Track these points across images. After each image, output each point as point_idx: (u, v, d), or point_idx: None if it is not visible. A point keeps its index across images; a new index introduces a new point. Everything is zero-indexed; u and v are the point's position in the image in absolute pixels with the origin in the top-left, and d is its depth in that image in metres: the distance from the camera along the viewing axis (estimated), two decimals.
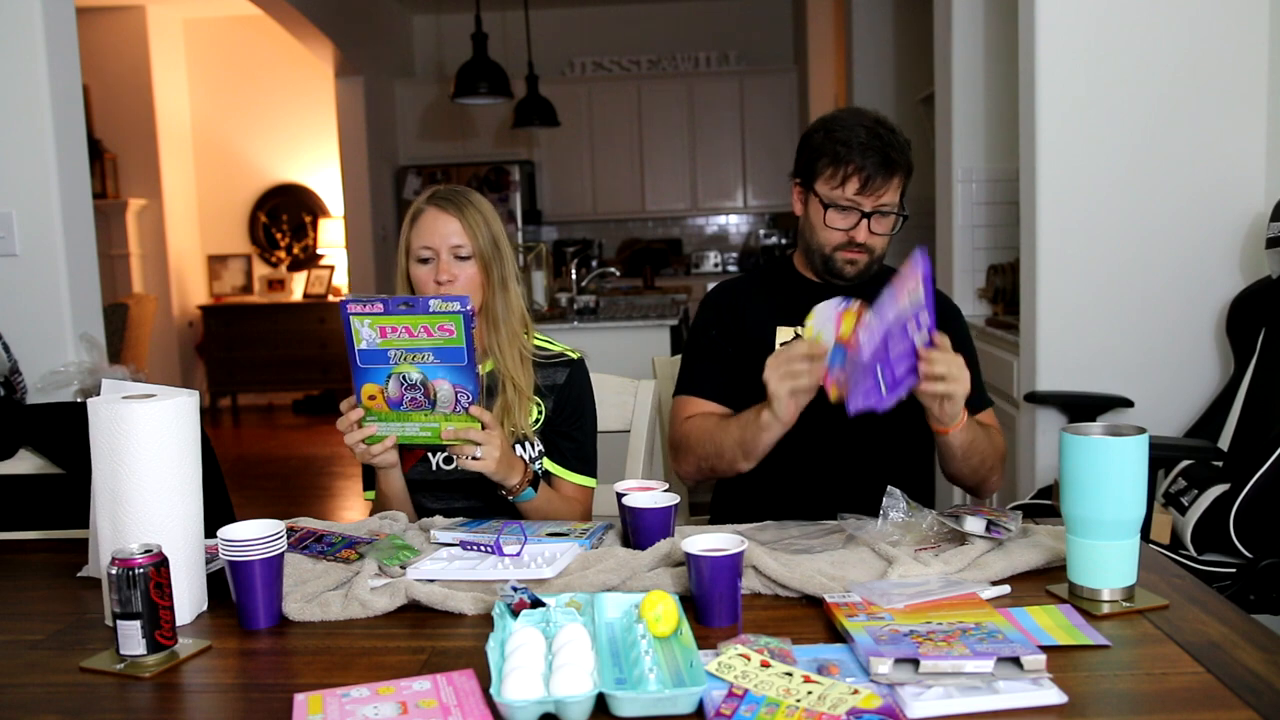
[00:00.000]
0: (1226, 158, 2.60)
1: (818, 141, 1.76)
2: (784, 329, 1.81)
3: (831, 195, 1.73)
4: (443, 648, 1.15)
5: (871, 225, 1.74)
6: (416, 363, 1.47)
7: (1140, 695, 1.00)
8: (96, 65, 6.71)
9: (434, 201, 1.69)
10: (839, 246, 1.76)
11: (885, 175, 1.70)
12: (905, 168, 1.73)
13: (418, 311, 1.45)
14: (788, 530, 1.50)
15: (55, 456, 1.72)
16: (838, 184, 1.72)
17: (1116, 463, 1.17)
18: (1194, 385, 2.64)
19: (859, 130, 1.71)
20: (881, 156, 1.70)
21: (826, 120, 1.78)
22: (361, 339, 1.47)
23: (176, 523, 1.24)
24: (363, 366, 1.49)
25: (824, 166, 1.74)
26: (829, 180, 1.73)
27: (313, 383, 7.52)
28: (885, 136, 1.71)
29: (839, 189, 1.72)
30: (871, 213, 1.73)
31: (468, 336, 1.45)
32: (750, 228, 7.82)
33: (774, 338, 1.81)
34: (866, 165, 1.69)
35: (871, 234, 1.74)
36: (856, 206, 1.73)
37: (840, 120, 1.75)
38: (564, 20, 7.49)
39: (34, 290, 2.56)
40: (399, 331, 1.46)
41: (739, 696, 0.97)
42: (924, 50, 4.11)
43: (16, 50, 2.51)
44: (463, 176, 7.00)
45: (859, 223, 1.73)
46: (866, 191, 1.71)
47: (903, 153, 1.73)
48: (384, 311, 1.46)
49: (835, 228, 1.75)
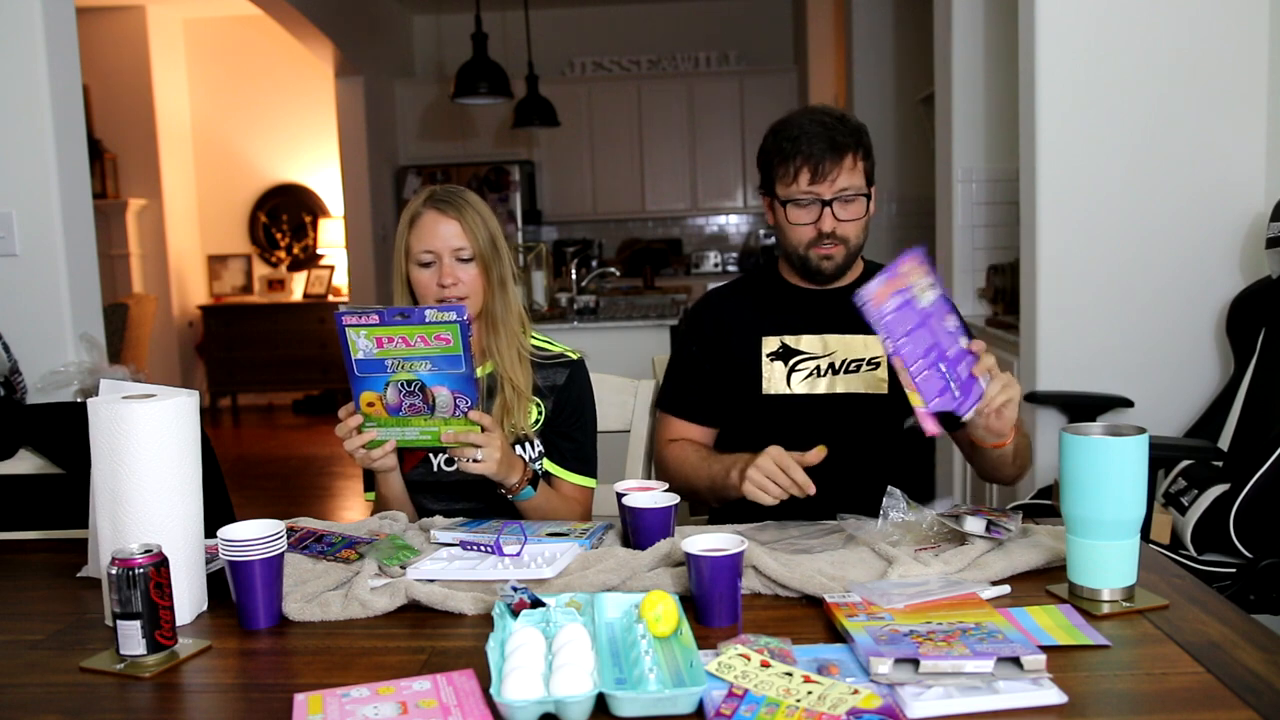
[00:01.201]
0: (1226, 158, 2.60)
1: (768, 145, 1.77)
2: (769, 338, 1.80)
3: (789, 192, 1.73)
4: (443, 648, 1.15)
5: (836, 212, 1.72)
6: (415, 370, 1.47)
7: (1140, 695, 1.00)
8: (96, 65, 6.71)
9: (433, 204, 1.67)
10: (810, 243, 1.75)
11: (835, 158, 1.69)
12: (856, 147, 1.71)
13: (414, 322, 1.44)
14: (788, 530, 1.51)
15: (55, 456, 1.72)
16: (791, 179, 1.71)
17: (1116, 463, 1.17)
18: (1194, 385, 2.64)
19: (802, 122, 1.71)
20: (827, 141, 1.69)
21: (774, 125, 1.78)
22: (358, 349, 1.46)
23: (176, 523, 1.24)
24: (360, 375, 1.48)
25: (776, 166, 1.74)
26: (784, 179, 1.73)
27: (313, 383, 7.51)
28: (829, 123, 1.70)
29: (794, 184, 1.71)
30: (832, 199, 1.71)
31: (465, 344, 1.44)
32: (750, 228, 7.82)
33: (760, 347, 1.80)
34: (813, 153, 1.68)
35: (839, 221, 1.72)
36: (815, 196, 1.71)
37: (786, 120, 1.76)
38: (564, 20, 7.49)
39: (34, 290, 2.56)
40: (395, 341, 1.45)
41: (739, 696, 0.97)
42: (924, 50, 4.11)
43: (16, 50, 2.51)
44: (463, 176, 7.00)
45: (822, 212, 1.72)
46: (820, 179, 1.70)
47: (852, 134, 1.71)
48: (380, 323, 1.44)
49: (800, 223, 1.74)
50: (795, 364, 1.79)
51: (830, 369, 1.78)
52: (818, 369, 1.78)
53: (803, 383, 1.79)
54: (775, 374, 1.79)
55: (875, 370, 1.78)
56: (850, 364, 1.78)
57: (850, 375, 1.78)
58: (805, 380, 1.79)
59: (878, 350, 1.77)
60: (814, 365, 1.78)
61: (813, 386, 1.78)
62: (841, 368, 1.78)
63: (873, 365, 1.78)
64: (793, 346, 1.79)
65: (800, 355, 1.79)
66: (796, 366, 1.78)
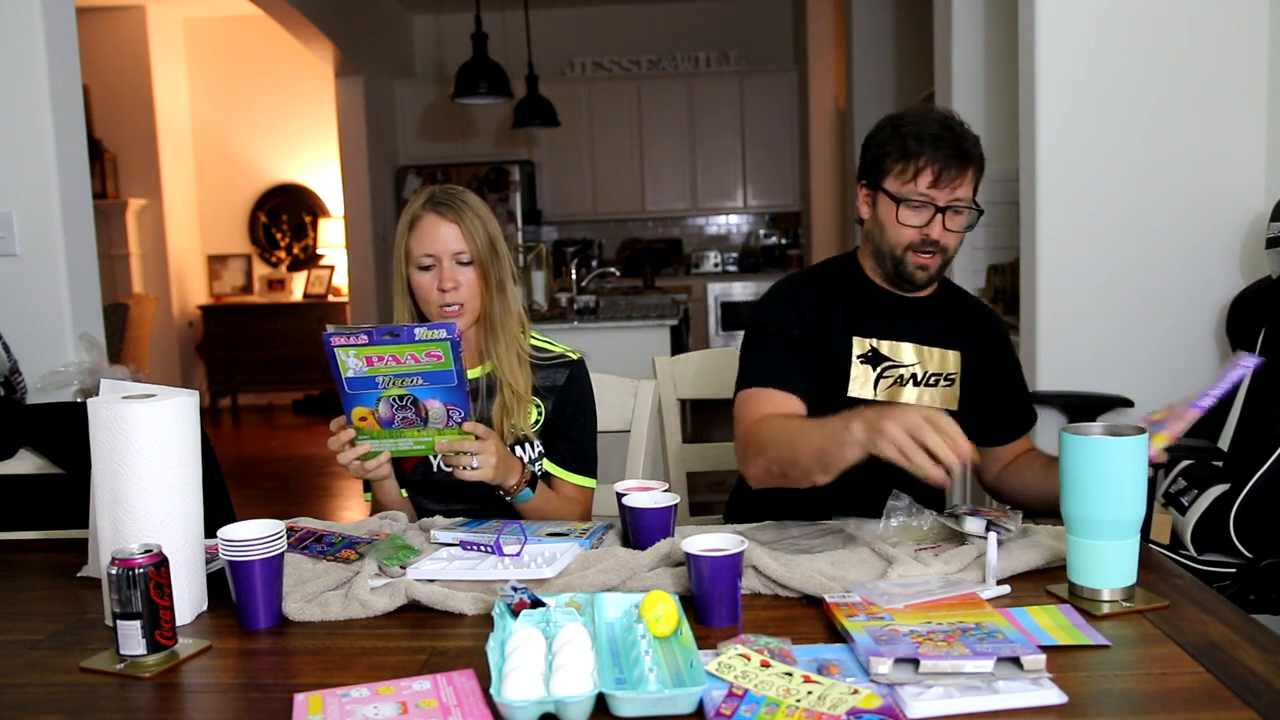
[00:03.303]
0: (1226, 158, 2.60)
1: (884, 138, 1.67)
2: (860, 339, 1.72)
3: (903, 191, 1.64)
4: (443, 648, 1.15)
5: (946, 221, 1.64)
6: (406, 386, 1.46)
7: (1140, 695, 1.00)
8: (96, 65, 6.71)
9: (432, 207, 1.66)
10: (911, 246, 1.67)
11: (959, 168, 1.62)
12: (979, 161, 1.65)
13: (403, 341, 1.43)
14: (788, 530, 1.50)
15: (55, 456, 1.72)
16: (909, 178, 1.63)
17: (1116, 463, 1.17)
18: (1194, 385, 2.61)
19: (930, 123, 1.63)
20: (955, 148, 1.62)
21: (893, 117, 1.69)
22: (348, 368, 1.45)
23: (176, 523, 1.24)
24: (351, 393, 1.47)
25: (894, 162, 1.65)
26: (899, 176, 1.64)
27: (313, 383, 7.51)
28: (957, 129, 1.64)
29: (911, 183, 1.63)
30: (946, 207, 1.63)
31: (456, 360, 1.44)
32: (750, 228, 7.82)
33: (852, 347, 1.72)
34: (939, 158, 1.61)
35: (946, 230, 1.65)
36: (930, 201, 1.63)
37: (908, 116, 1.67)
38: (564, 20, 7.49)
39: (34, 290, 2.56)
40: (386, 360, 1.44)
41: (739, 696, 0.97)
42: (924, 50, 4.11)
43: (16, 50, 2.52)
44: (463, 177, 7.00)
45: (933, 218, 1.64)
46: (940, 185, 1.62)
47: (976, 145, 1.65)
48: (369, 342, 1.43)
49: (909, 225, 1.65)
50: (883, 370, 1.72)
51: (913, 379, 1.73)
52: (901, 378, 1.72)
53: (887, 390, 1.72)
54: (862, 376, 1.72)
55: (951, 386, 1.74)
56: (931, 377, 1.73)
57: (931, 388, 1.73)
58: (890, 388, 1.72)
59: (955, 366, 1.74)
60: (900, 374, 1.72)
61: (895, 395, 1.72)
62: (924, 380, 1.73)
63: (949, 381, 1.74)
64: (882, 352, 1.73)
65: (889, 362, 1.72)
66: (885, 373, 1.72)
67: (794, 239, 7.63)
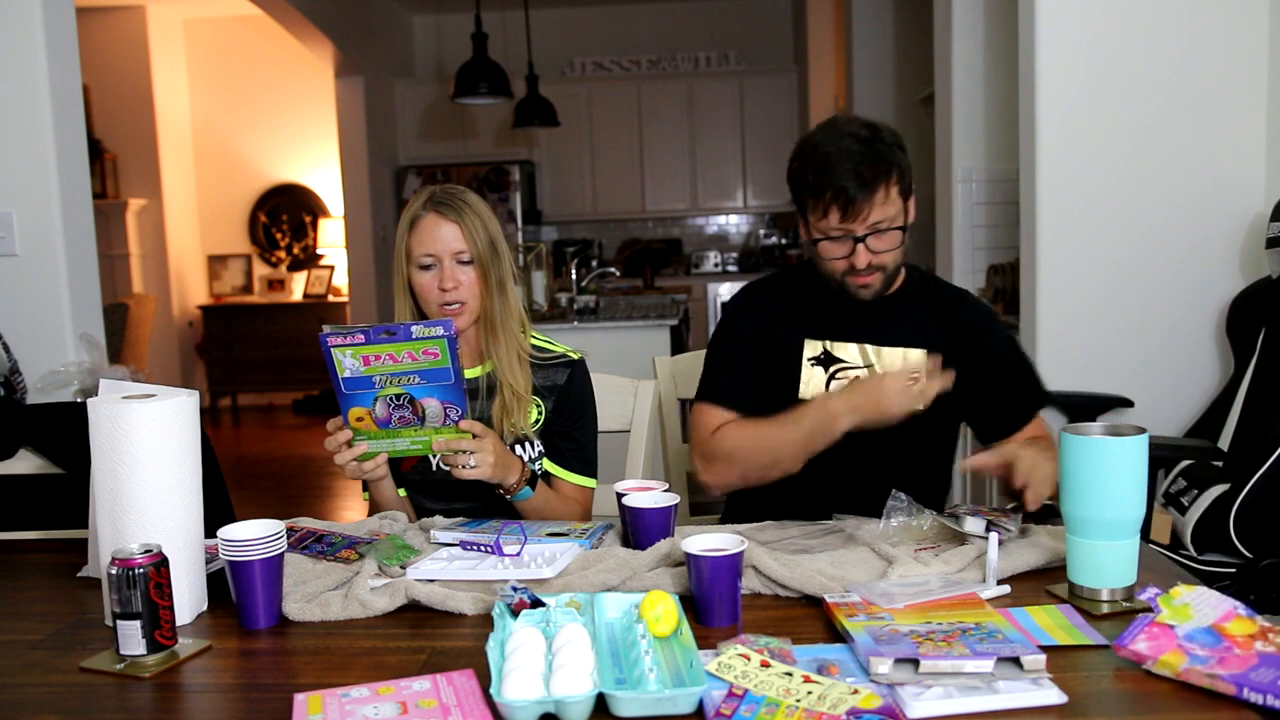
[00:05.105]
0: (1226, 158, 2.60)
1: (795, 172, 1.66)
2: (811, 342, 1.74)
3: (820, 227, 1.63)
4: (443, 648, 1.15)
5: (870, 245, 1.62)
6: (403, 384, 1.46)
7: (1140, 695, 1.00)
8: (96, 65, 6.70)
9: (433, 206, 1.66)
10: (845, 273, 1.66)
11: (866, 194, 1.57)
12: (889, 174, 1.59)
13: (400, 339, 1.43)
14: (788, 530, 1.50)
15: (55, 456, 1.72)
16: (821, 215, 1.62)
17: (1116, 463, 1.17)
18: (1194, 385, 2.64)
19: (830, 153, 1.59)
20: (855, 177, 1.57)
21: (801, 146, 1.67)
22: (345, 368, 1.45)
23: (176, 523, 1.24)
24: (348, 393, 1.47)
25: (806, 199, 1.64)
26: (814, 212, 1.63)
27: (313, 383, 7.51)
28: (857, 152, 1.58)
29: (824, 220, 1.62)
30: (865, 235, 1.61)
31: (453, 358, 1.44)
32: (750, 228, 7.82)
33: (802, 350, 1.74)
34: (843, 190, 1.57)
35: (873, 254, 1.63)
36: (848, 234, 1.61)
37: (813, 145, 1.64)
38: (564, 20, 7.49)
39: (34, 290, 2.56)
40: (383, 359, 1.44)
41: (739, 696, 0.97)
42: (924, 50, 4.11)
43: (16, 50, 2.52)
44: (463, 177, 7.00)
45: (855, 248, 1.62)
46: (851, 217, 1.59)
47: (884, 159, 1.59)
48: (366, 341, 1.43)
49: (834, 257, 1.65)
50: (835, 371, 1.73)
51: None
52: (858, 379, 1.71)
53: None
54: (814, 379, 1.73)
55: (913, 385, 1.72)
56: None
57: None
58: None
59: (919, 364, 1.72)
60: (855, 375, 1.72)
61: None
62: None
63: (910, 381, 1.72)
64: (834, 354, 1.73)
65: (841, 363, 1.73)
66: (836, 374, 1.72)
67: (794, 239, 7.63)
